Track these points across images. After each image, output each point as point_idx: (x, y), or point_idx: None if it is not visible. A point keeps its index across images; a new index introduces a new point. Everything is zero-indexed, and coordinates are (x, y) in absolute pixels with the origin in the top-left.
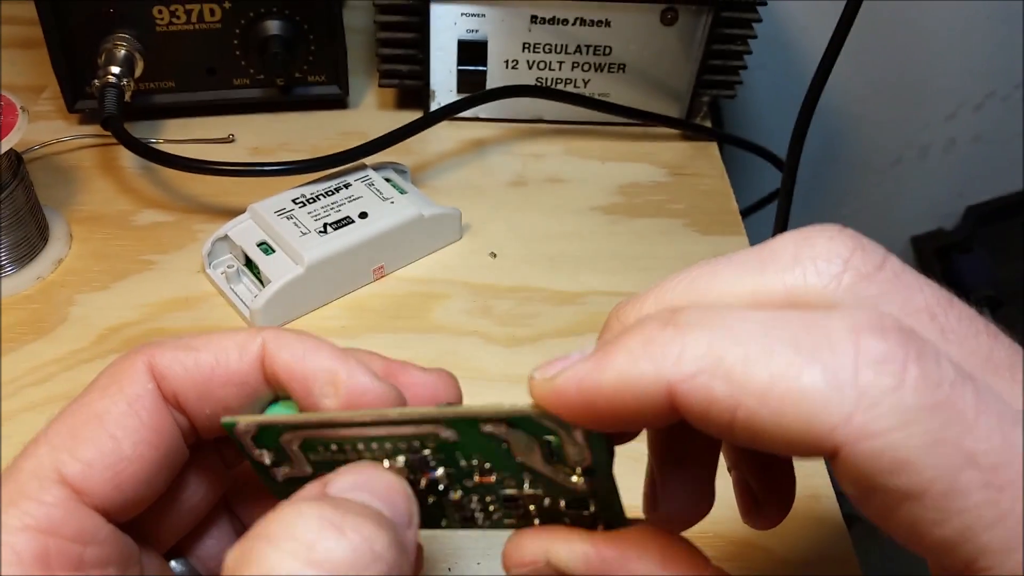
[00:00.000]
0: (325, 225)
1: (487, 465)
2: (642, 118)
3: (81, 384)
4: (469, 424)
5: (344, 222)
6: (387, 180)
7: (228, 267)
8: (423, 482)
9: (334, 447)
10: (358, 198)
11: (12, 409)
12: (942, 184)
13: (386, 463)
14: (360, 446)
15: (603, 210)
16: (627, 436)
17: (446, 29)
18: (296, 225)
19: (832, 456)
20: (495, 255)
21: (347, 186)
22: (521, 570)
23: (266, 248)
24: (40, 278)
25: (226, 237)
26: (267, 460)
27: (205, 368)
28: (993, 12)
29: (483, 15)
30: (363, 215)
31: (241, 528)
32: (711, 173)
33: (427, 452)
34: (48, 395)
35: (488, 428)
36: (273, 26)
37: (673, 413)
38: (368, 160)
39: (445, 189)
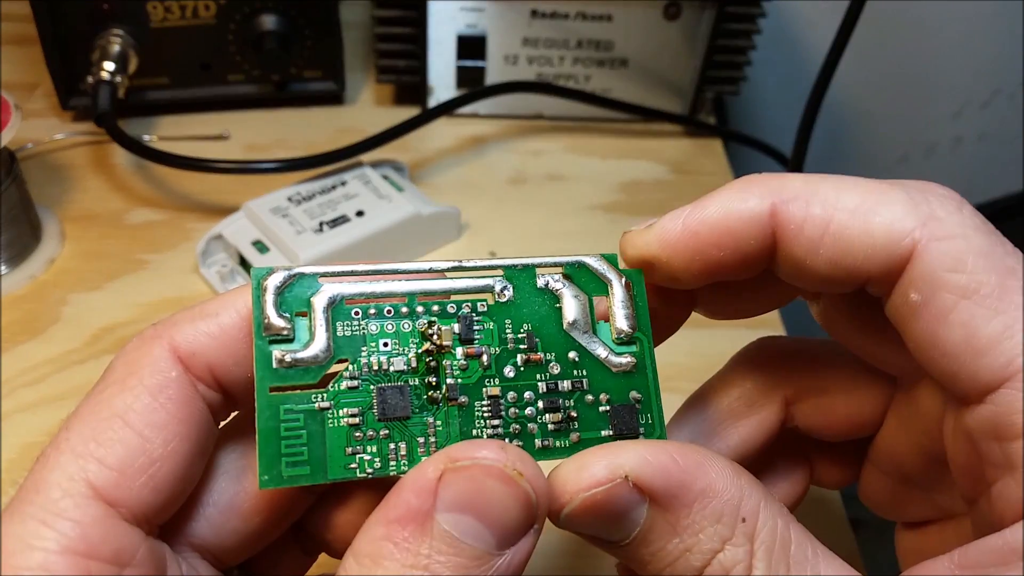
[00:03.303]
0: (321, 223)
1: (536, 340)
2: (644, 114)
3: (75, 385)
4: (527, 274)
5: (340, 220)
6: (384, 178)
7: (222, 266)
8: (461, 362)
9: (372, 311)
10: (355, 196)
11: (5, 410)
12: (948, 182)
13: (432, 328)
14: (403, 309)
15: (604, 208)
16: (672, 323)
17: (445, 24)
18: (292, 224)
19: (903, 265)
20: (494, 254)
21: (344, 184)
22: (593, 490)
23: (261, 247)
24: (33, 277)
25: (220, 236)
26: (282, 327)
27: (231, 329)
28: (1000, 9)
29: (482, 9)
30: (360, 213)
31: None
32: (715, 171)
33: (475, 317)
34: (41, 396)
35: (543, 281)
36: (268, 21)
37: (767, 242)
38: (365, 157)
39: (443, 187)
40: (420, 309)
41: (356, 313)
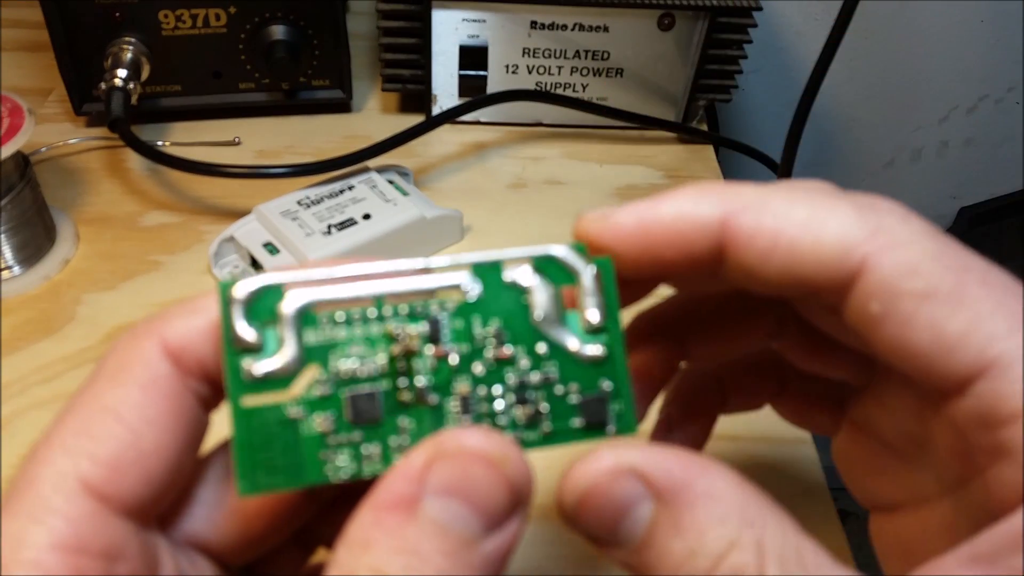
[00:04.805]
0: (329, 226)
1: (505, 335)
2: (639, 122)
3: None
4: (493, 270)
5: (348, 223)
6: (390, 182)
7: (234, 267)
8: (431, 362)
9: (340, 317)
10: (362, 200)
11: (20, 407)
12: (935, 186)
13: (400, 330)
14: (371, 312)
15: None
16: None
17: (448, 35)
18: (301, 226)
19: (854, 277)
20: None
21: (351, 188)
22: (599, 480)
23: (271, 249)
24: (47, 278)
25: (232, 238)
26: (251, 340)
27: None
28: (987, 15)
29: (484, 21)
30: (367, 216)
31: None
32: (707, 175)
33: (443, 316)
34: (55, 393)
35: (511, 275)
36: (278, 31)
37: (716, 248)
38: (371, 163)
39: (447, 191)
40: (388, 312)
41: (324, 320)
